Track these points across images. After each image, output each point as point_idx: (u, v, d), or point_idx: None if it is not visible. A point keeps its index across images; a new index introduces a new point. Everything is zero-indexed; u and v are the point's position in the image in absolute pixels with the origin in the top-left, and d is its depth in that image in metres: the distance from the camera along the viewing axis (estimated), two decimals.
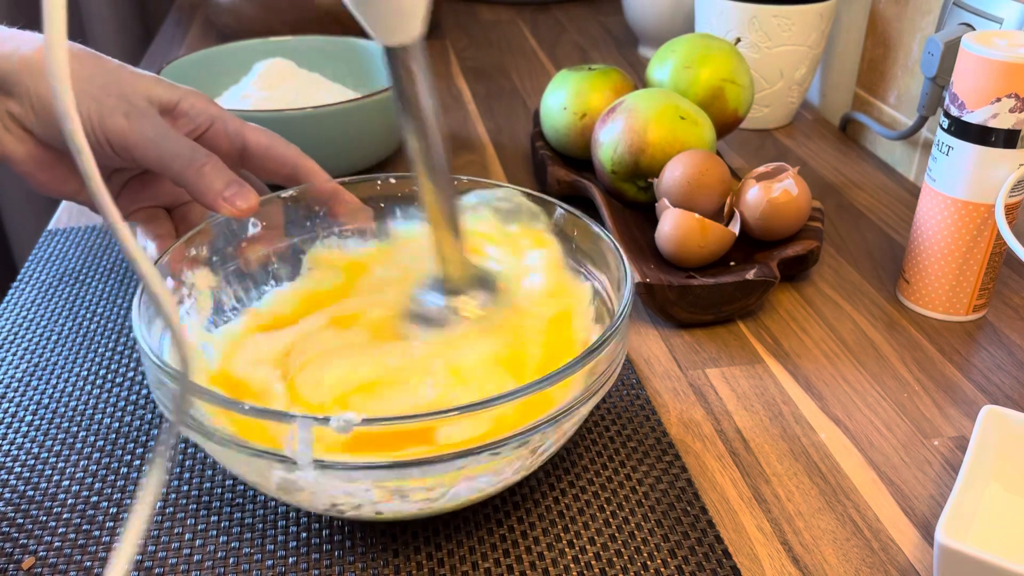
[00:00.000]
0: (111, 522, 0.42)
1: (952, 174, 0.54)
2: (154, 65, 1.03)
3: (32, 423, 0.48)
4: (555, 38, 1.14)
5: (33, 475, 0.45)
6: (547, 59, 1.06)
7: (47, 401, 0.50)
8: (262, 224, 0.50)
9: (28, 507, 0.43)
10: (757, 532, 0.42)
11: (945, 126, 0.54)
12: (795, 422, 0.49)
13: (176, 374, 0.36)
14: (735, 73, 0.69)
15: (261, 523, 0.42)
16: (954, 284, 0.56)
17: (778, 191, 0.58)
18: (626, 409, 0.49)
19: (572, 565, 0.40)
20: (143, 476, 0.44)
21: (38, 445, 0.46)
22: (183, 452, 0.46)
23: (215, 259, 0.48)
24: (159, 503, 0.43)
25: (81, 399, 0.50)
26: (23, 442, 0.47)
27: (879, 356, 0.54)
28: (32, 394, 0.50)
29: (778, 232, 0.59)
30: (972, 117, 0.51)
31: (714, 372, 0.53)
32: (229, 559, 0.40)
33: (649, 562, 0.40)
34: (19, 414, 0.49)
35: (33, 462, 0.45)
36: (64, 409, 0.49)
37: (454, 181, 0.50)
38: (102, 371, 0.52)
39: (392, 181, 0.52)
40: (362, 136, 0.70)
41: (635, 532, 0.41)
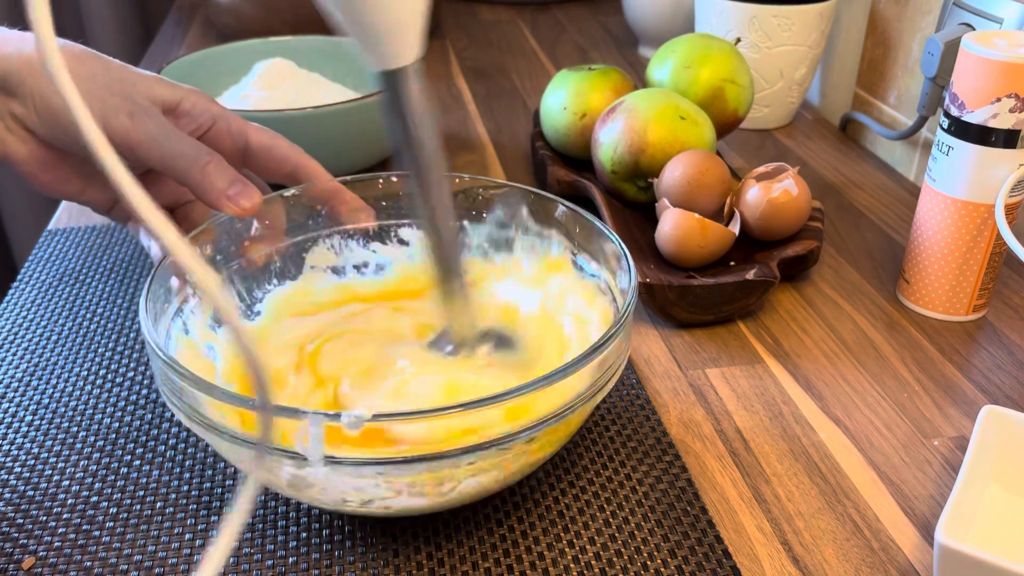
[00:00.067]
0: (111, 522, 0.42)
1: (952, 174, 0.54)
2: (154, 65, 1.03)
3: (32, 423, 0.48)
4: (555, 38, 1.14)
5: (33, 475, 0.45)
6: (547, 59, 1.06)
7: (47, 401, 0.50)
8: (264, 223, 0.50)
9: (28, 507, 0.43)
10: (757, 532, 0.42)
11: (945, 126, 0.54)
12: (795, 422, 0.49)
13: (257, 436, 0.33)
14: (735, 73, 0.69)
15: (261, 523, 0.42)
16: (954, 284, 0.56)
17: (778, 191, 0.58)
18: (626, 409, 0.49)
19: (572, 565, 0.40)
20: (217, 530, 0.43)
21: (38, 445, 0.46)
22: (183, 452, 0.46)
23: (219, 258, 0.48)
24: (159, 503, 0.43)
25: (81, 399, 0.50)
26: (23, 442, 0.47)
27: (879, 356, 0.54)
28: (32, 394, 0.50)
29: (778, 232, 0.59)
30: (972, 117, 0.51)
31: (714, 372, 0.53)
32: (229, 559, 0.40)
33: (649, 562, 0.40)
34: (19, 414, 0.49)
35: (33, 462, 0.45)
36: (64, 409, 0.49)
37: (459, 229, 0.51)
38: (102, 371, 0.52)
39: (393, 180, 0.52)
40: (362, 136, 0.70)
41: (635, 532, 0.41)
